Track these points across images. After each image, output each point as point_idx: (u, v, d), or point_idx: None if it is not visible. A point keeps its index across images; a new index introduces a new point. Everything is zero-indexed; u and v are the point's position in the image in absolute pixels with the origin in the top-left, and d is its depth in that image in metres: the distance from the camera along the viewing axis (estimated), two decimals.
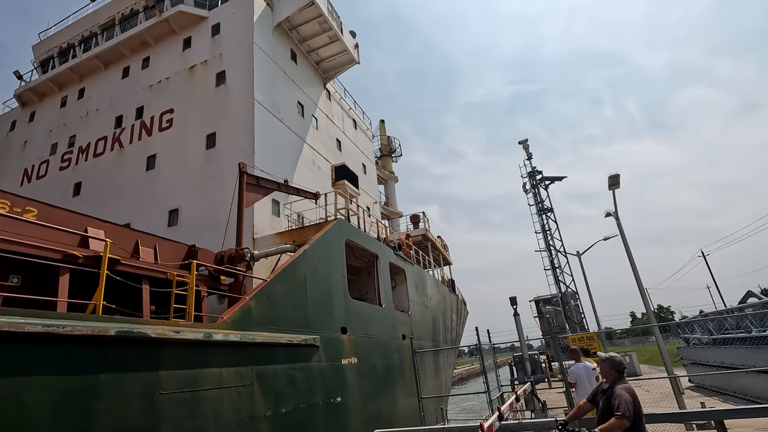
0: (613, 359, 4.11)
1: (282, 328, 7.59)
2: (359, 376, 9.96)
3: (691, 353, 18.55)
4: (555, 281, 44.17)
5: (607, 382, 4.11)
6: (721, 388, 14.37)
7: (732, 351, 13.49)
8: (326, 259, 9.82)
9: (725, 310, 22.14)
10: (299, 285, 8.48)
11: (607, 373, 4.11)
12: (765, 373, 10.67)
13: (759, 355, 11.12)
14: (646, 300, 13.28)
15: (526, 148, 46.70)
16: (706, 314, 17.85)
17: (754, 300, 17.21)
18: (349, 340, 9.91)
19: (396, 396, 11.95)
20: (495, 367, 15.11)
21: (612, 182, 12.94)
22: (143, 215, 14.08)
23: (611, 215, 14.25)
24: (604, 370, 4.15)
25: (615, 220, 13.91)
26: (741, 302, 18.07)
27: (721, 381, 14.15)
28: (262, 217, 12.83)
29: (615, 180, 12.90)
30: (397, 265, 15.06)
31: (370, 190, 22.75)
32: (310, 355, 8.20)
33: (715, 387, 14.91)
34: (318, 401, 8.10)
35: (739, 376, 12.18)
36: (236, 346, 6.29)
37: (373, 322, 11.54)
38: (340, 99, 21.69)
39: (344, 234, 11.13)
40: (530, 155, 46.23)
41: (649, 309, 13.27)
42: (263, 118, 14.13)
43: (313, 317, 8.62)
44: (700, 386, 16.39)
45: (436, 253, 24.34)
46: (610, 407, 3.77)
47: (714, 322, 16.77)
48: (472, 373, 60.90)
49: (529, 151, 46.36)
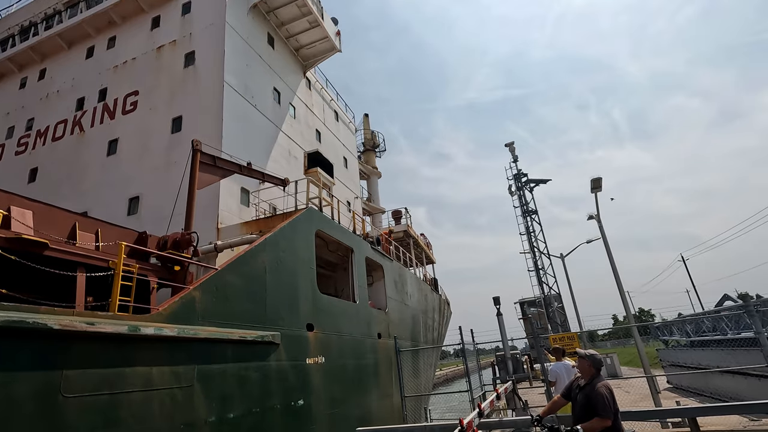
0: (594, 357, 4.12)
1: (234, 323, 6.79)
2: (326, 377, 9.19)
3: (670, 355, 18.79)
4: (538, 282, 44.48)
5: (584, 378, 4.12)
6: (697, 389, 14.53)
7: (708, 353, 13.73)
8: (292, 250, 9.03)
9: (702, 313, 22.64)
10: (258, 276, 7.68)
11: (585, 370, 4.11)
12: (739, 374, 10.90)
13: (733, 357, 11.29)
14: (626, 301, 13.09)
15: (512, 151, 47.00)
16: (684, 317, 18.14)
17: (731, 303, 17.57)
18: (316, 337, 9.14)
19: (369, 398, 11.21)
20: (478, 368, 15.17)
21: (594, 185, 12.95)
22: (102, 203, 13.10)
23: (593, 218, 14.11)
24: (583, 366, 4.15)
25: (597, 222, 13.80)
26: (718, 305, 18.46)
27: (698, 382, 14.40)
28: (229, 206, 11.98)
29: (597, 183, 12.92)
30: (375, 261, 14.33)
31: (352, 184, 22.00)
32: (267, 354, 7.41)
33: (692, 388, 15.10)
34: (275, 404, 7.31)
35: (715, 377, 12.49)
36: (172, 342, 5.47)
37: (345, 319, 10.79)
38: (321, 89, 20.89)
39: (315, 224, 10.35)
40: (516, 158, 46.56)
41: (628, 310, 13.17)
42: (234, 101, 13.27)
43: (273, 312, 7.83)
44: (678, 387, 16.58)
45: (418, 250, 23.69)
46: (591, 405, 3.82)
47: (692, 324, 17.11)
48: (458, 374, 61.65)
49: (515, 153, 46.67)
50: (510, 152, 46.56)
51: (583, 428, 3.71)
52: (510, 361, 15.13)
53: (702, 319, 16.66)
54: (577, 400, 4.07)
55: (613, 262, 13.09)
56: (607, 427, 3.72)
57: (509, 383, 12.65)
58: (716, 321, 15.09)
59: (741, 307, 14.68)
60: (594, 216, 14.13)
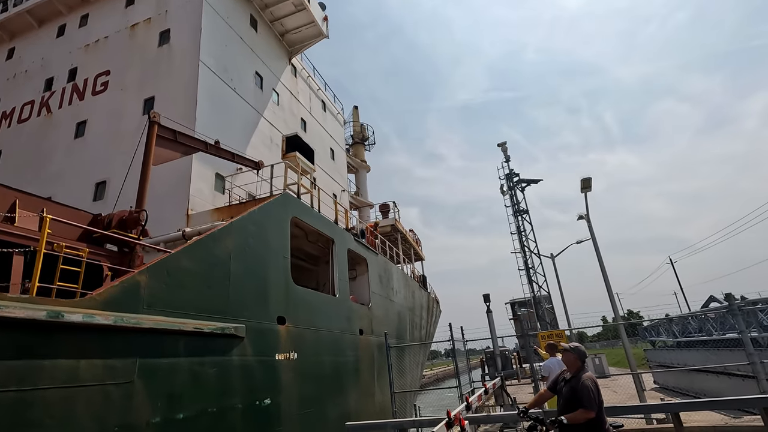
0: (578, 348, 4.18)
1: (190, 313, 6.09)
2: (299, 375, 8.52)
3: (657, 355, 19.09)
4: (528, 281, 44.57)
5: (570, 371, 4.17)
6: (683, 389, 14.76)
7: (694, 353, 13.95)
8: (262, 236, 8.33)
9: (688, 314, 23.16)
10: (220, 263, 6.98)
11: (571, 363, 4.16)
12: (723, 374, 11.14)
13: (718, 357, 11.46)
14: (614, 301, 13.03)
15: (505, 151, 47.09)
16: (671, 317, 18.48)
17: (716, 304, 17.80)
18: (288, 332, 8.46)
19: (348, 398, 10.55)
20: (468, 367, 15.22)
21: (584, 185, 12.99)
22: (67, 188, 12.29)
23: (583, 217, 14.09)
24: (568, 359, 4.18)
25: (586, 222, 13.83)
26: (704, 307, 18.67)
27: (683, 382, 14.66)
28: (201, 192, 11.24)
29: (587, 183, 12.96)
30: (359, 254, 13.68)
31: (339, 177, 21.29)
32: (228, 348, 6.71)
33: (678, 388, 15.35)
34: (236, 404, 6.62)
35: (699, 377, 12.79)
36: (107, 332, 4.76)
37: (323, 313, 10.12)
38: (307, 77, 20.16)
39: (290, 211, 9.66)
40: (508, 157, 46.64)
41: (616, 310, 13.17)
42: (210, 82, 12.51)
43: (237, 303, 7.14)
44: (664, 387, 16.84)
45: (406, 246, 23.06)
46: (576, 398, 3.87)
47: (678, 325, 17.44)
48: (448, 374, 62.86)
49: (507, 153, 46.72)
50: (502, 152, 46.72)
51: (567, 419, 3.80)
52: (499, 358, 15.20)
53: (688, 320, 16.94)
54: (563, 393, 4.13)
55: (602, 261, 13.07)
56: (591, 419, 3.79)
57: (498, 379, 12.71)
58: (702, 322, 15.35)
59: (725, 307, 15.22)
60: (584, 216, 14.07)
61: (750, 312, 11.03)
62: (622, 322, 13.94)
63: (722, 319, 13.55)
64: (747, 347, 7.71)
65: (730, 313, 9.35)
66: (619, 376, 17.59)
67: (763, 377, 7.47)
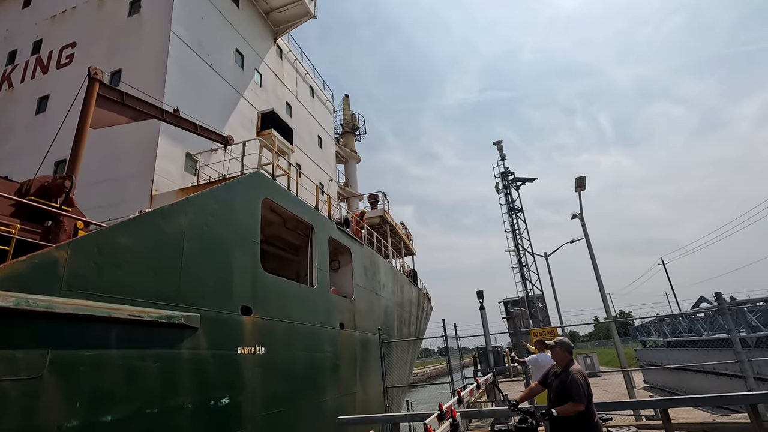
0: (563, 342, 4.22)
1: (127, 298, 5.22)
2: (266, 371, 7.67)
3: (647, 355, 19.38)
4: (522, 279, 44.50)
5: (559, 366, 4.20)
6: (672, 388, 14.77)
7: (684, 353, 14.10)
8: (227, 216, 7.46)
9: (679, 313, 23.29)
10: (171, 242, 6.11)
11: (560, 357, 4.20)
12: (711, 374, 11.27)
13: (707, 357, 11.42)
14: (606, 300, 12.81)
15: (500, 149, 47.01)
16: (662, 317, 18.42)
17: (707, 305, 18.11)
18: (254, 323, 7.60)
19: (324, 398, 9.71)
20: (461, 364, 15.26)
21: (578, 184, 12.99)
22: (25, 166, 11.29)
23: (577, 217, 14.04)
24: (557, 354, 4.23)
25: (580, 221, 13.83)
26: (694, 307, 18.96)
27: (672, 381, 14.76)
28: (168, 173, 10.33)
29: (581, 182, 12.96)
30: (342, 244, 12.83)
31: (327, 166, 20.39)
32: (177, 339, 5.85)
33: (667, 387, 15.39)
34: (185, 403, 5.76)
35: (689, 376, 13.03)
36: (5, 316, 3.89)
37: (298, 304, 9.27)
38: (294, 61, 19.22)
39: (262, 191, 8.79)
40: (504, 156, 46.50)
41: (608, 309, 12.93)
42: (183, 55, 11.59)
43: (190, 288, 6.27)
44: (654, 386, 16.96)
45: (396, 239, 22.24)
46: (566, 391, 3.90)
47: (669, 325, 17.64)
48: (441, 372, 64.06)
49: (502, 151, 46.56)
50: (498, 150, 46.73)
51: (558, 411, 3.82)
52: (491, 354, 15.33)
53: (679, 319, 17.10)
54: (553, 386, 4.16)
55: (594, 260, 13.01)
56: (581, 412, 3.80)
57: (489, 375, 12.94)
58: (692, 322, 15.70)
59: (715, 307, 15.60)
60: (577, 215, 14.00)
61: (739, 312, 11.10)
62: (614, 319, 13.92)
63: (712, 320, 13.91)
64: (735, 346, 7.81)
65: (720, 312, 9.48)
66: (609, 375, 17.57)
67: (750, 376, 7.56)
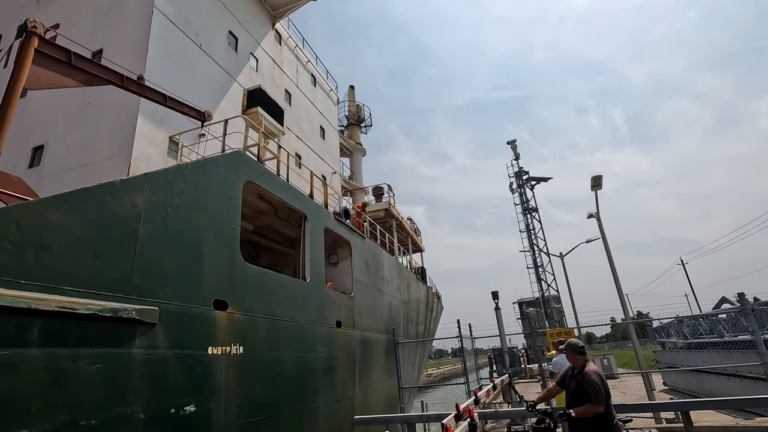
0: (571, 344, 4.17)
1: (57, 287, 4.34)
2: (244, 374, 6.75)
3: (667, 357, 18.94)
4: (537, 280, 43.49)
5: (576, 367, 4.14)
6: (693, 391, 14.50)
7: (705, 355, 13.76)
8: (198, 198, 6.57)
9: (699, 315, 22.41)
10: (121, 223, 5.21)
11: (574, 359, 4.16)
12: (734, 377, 10.97)
13: (729, 359, 11.19)
14: (624, 301, 12.39)
15: (514, 148, 46.42)
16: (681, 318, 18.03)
17: (728, 306, 17.62)
18: (231, 319, 6.69)
19: (315, 403, 8.76)
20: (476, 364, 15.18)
21: (594, 183, 12.75)
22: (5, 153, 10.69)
23: (593, 216, 13.83)
24: (569, 357, 4.21)
25: (597, 221, 13.53)
26: (715, 308, 18.56)
27: (693, 384, 14.50)
28: (148, 157, 9.52)
29: (597, 181, 12.71)
30: (341, 236, 11.90)
31: (329, 157, 19.50)
32: (127, 336, 4.95)
33: (688, 390, 15.12)
34: (135, 413, 4.86)
35: (710, 379, 12.68)
36: None
37: (285, 299, 8.34)
38: (294, 47, 18.38)
39: (244, 173, 7.89)
40: (518, 155, 45.85)
41: (626, 310, 12.52)
42: (167, 33, 10.80)
43: (147, 278, 5.38)
44: (674, 389, 16.62)
45: (403, 235, 21.24)
46: (582, 392, 3.86)
47: (689, 326, 17.31)
48: (455, 373, 63.59)
49: (516, 151, 45.77)
50: (512, 150, 46.25)
51: (576, 412, 3.77)
52: (507, 355, 15.42)
53: (699, 321, 16.66)
54: (570, 388, 4.09)
55: (612, 261, 12.68)
56: (600, 414, 3.73)
57: (505, 376, 12.70)
58: (713, 323, 15.26)
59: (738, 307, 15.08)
60: (594, 214, 13.77)
61: (763, 313, 10.93)
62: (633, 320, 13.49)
63: (734, 321, 13.52)
64: (759, 347, 7.61)
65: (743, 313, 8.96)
66: (627, 378, 17.01)
67: None
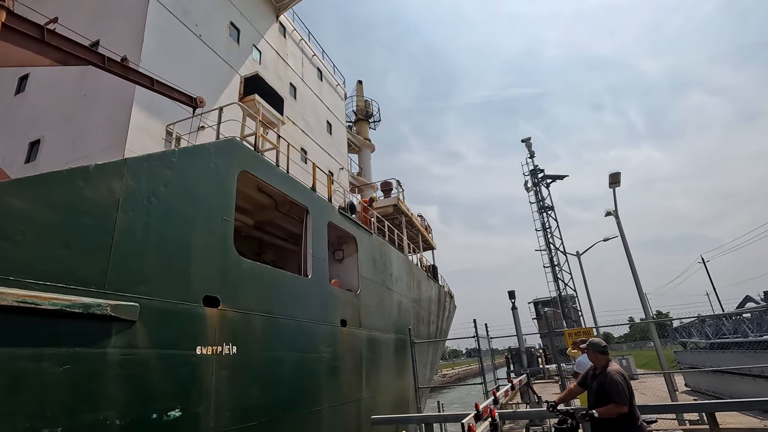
0: (593, 343, 4.10)
1: (19, 280, 3.91)
2: (238, 376, 6.28)
3: (688, 357, 18.55)
4: (554, 279, 42.54)
5: (597, 367, 4.05)
6: (716, 392, 14.07)
7: (728, 355, 13.38)
8: (186, 187, 6.12)
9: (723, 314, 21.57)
10: (95, 211, 4.78)
11: (595, 359, 4.07)
12: (760, 378, 10.81)
13: (754, 360, 10.93)
14: (644, 300, 12.01)
15: (529, 146, 45.66)
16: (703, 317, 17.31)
17: (753, 305, 17.14)
18: (223, 317, 6.22)
19: (318, 406, 8.26)
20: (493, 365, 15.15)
21: (612, 180, 12.53)
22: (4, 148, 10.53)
23: (611, 214, 13.56)
24: (591, 357, 4.13)
25: (615, 219, 13.25)
26: (739, 307, 18.20)
27: (717, 385, 14.17)
28: (143, 147, 9.08)
29: (615, 178, 12.49)
30: (346, 231, 11.40)
31: (337, 153, 19.03)
32: (100, 335, 4.51)
33: (711, 391, 14.77)
34: (109, 419, 4.41)
35: (735, 380, 12.45)
36: None
37: (285, 296, 7.86)
38: (300, 41, 17.96)
39: (238, 162, 7.42)
40: (533, 153, 45.05)
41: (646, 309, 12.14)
42: (164, 22, 10.45)
43: (126, 271, 4.93)
44: (696, 390, 16.23)
45: (413, 232, 20.64)
46: (605, 392, 3.77)
47: (711, 326, 16.96)
48: (470, 373, 63.26)
49: (531, 149, 44.97)
50: (527, 148, 45.56)
51: (599, 412, 3.66)
52: (524, 355, 15.04)
53: (722, 320, 16.29)
54: (592, 388, 3.99)
55: (631, 259, 12.33)
56: (624, 414, 3.61)
57: (524, 376, 12.49)
58: (737, 323, 14.89)
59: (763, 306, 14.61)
60: (612, 212, 13.50)
61: None
62: (653, 320, 13.19)
63: (759, 320, 13.29)
64: None
65: None
66: (647, 378, 16.56)
67: None
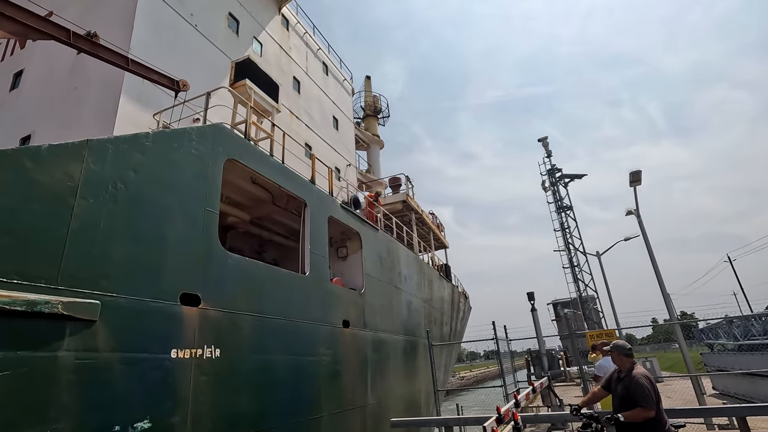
0: (617, 345, 4.00)
1: None
2: (221, 382, 5.69)
3: (715, 359, 17.96)
4: (574, 280, 41.27)
5: (622, 370, 3.96)
6: (745, 395, 13.47)
7: (758, 357, 12.92)
8: (161, 174, 5.57)
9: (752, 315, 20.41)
10: (47, 197, 4.25)
11: (620, 362, 3.97)
12: None
13: None
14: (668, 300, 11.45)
15: (546, 146, 44.75)
16: (731, 318, 16.66)
17: None
18: (204, 317, 5.64)
19: (317, 414, 7.63)
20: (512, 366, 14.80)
21: (633, 179, 12.30)
22: None
23: (632, 213, 13.25)
24: (615, 359, 4.02)
25: (636, 218, 12.95)
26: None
27: (746, 388, 13.64)
28: None
29: (636, 176, 12.26)
30: (349, 227, 10.78)
31: (344, 149, 18.47)
32: (50, 336, 3.96)
33: (739, 394, 14.18)
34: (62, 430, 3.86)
35: (765, 382, 12.02)
36: None
37: (278, 295, 7.26)
38: (304, 34, 17.48)
39: (224, 150, 6.86)
40: (550, 152, 44.16)
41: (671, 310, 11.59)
42: (156, 10, 10.05)
43: (87, 265, 4.39)
44: (724, 393, 15.67)
45: (424, 229, 19.90)
46: (630, 396, 3.67)
47: (740, 327, 16.55)
48: (488, 375, 62.46)
49: (548, 148, 44.11)
50: (543, 147, 44.77)
51: (625, 417, 3.57)
52: (545, 357, 14.71)
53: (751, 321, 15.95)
54: (617, 391, 3.89)
55: (654, 259, 12.07)
56: (651, 418, 3.52)
57: (544, 379, 12.18)
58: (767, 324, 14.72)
59: None
60: (633, 211, 13.22)
61: None
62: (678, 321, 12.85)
63: None
64: None
65: None
66: (672, 381, 15.96)
67: None
